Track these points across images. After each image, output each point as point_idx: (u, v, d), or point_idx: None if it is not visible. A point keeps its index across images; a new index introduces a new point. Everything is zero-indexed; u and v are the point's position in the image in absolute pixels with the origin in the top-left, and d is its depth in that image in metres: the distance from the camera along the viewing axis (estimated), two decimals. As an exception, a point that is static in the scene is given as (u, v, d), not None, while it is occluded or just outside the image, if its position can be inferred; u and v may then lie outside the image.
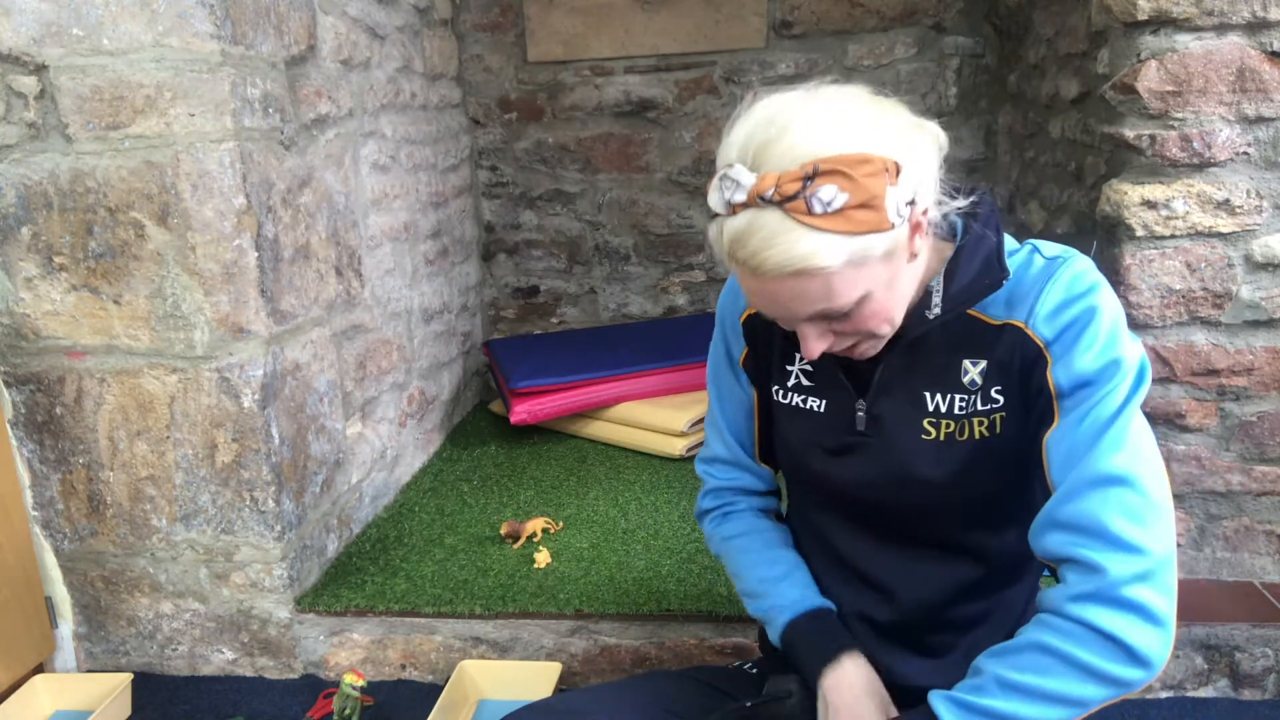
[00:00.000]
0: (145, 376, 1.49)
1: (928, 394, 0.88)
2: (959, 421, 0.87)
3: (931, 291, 0.86)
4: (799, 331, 0.81)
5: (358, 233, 1.87)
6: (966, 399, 0.87)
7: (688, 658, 1.52)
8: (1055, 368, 0.82)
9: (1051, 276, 0.83)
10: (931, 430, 0.88)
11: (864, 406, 0.91)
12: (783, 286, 0.75)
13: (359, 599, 1.59)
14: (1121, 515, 0.76)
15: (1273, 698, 1.46)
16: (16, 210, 1.43)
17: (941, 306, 0.85)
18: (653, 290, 2.84)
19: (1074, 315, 0.81)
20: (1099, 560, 0.76)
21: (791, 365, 0.97)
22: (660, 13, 2.58)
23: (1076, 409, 0.80)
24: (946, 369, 0.88)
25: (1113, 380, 0.80)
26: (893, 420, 0.90)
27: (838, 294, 0.76)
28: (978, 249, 0.85)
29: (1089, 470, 0.78)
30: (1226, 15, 1.35)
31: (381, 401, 2.00)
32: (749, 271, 0.76)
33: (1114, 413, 0.79)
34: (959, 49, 2.52)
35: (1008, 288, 0.85)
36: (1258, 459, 1.50)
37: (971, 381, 0.87)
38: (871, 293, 0.78)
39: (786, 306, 0.78)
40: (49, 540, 1.60)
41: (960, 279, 0.85)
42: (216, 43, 1.35)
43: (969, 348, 0.87)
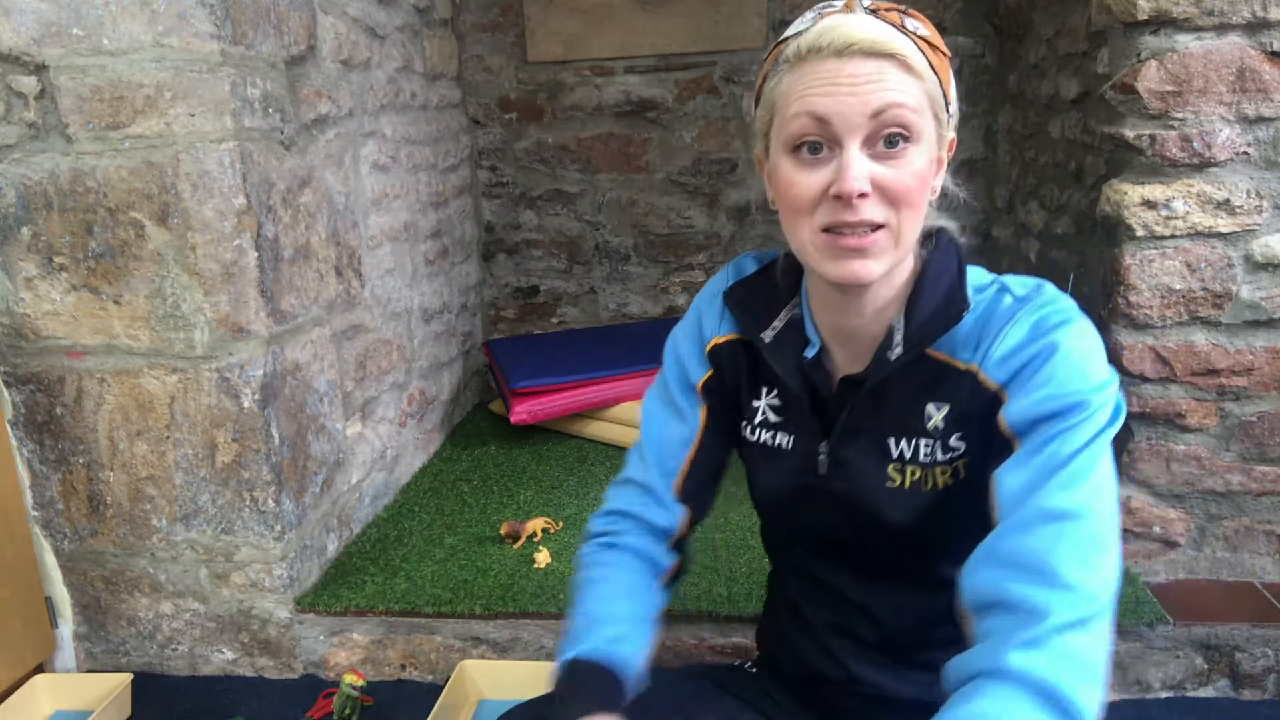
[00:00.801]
0: (145, 376, 1.49)
1: (892, 440, 0.86)
2: (924, 469, 0.84)
3: (893, 330, 0.84)
4: (845, 158, 0.74)
5: (358, 233, 1.87)
6: (930, 444, 0.84)
7: (687, 658, 1.52)
8: (1009, 407, 0.77)
9: (1012, 318, 0.79)
10: (896, 477, 0.86)
11: (826, 449, 0.88)
12: (867, 65, 0.73)
13: (359, 599, 1.59)
14: (1070, 554, 0.70)
15: (1273, 698, 1.46)
16: (16, 210, 1.43)
17: (903, 345, 0.82)
18: (653, 290, 2.84)
19: (1032, 354, 0.77)
20: (1042, 602, 0.68)
21: (758, 400, 0.94)
22: (660, 13, 2.58)
23: (1032, 444, 0.75)
24: (911, 413, 0.85)
25: (1076, 417, 0.74)
26: (856, 466, 0.87)
27: (910, 98, 0.74)
28: (939, 280, 0.83)
29: (1040, 505, 0.72)
30: (1226, 15, 1.35)
31: (381, 401, 2.00)
32: (833, 52, 0.74)
33: (1075, 450, 0.73)
34: (959, 49, 2.52)
35: (973, 328, 0.81)
36: (1258, 459, 1.51)
37: (935, 426, 0.84)
38: (920, 146, 0.76)
39: (861, 90, 0.73)
40: (49, 540, 1.60)
41: (920, 313, 0.82)
42: (216, 43, 1.35)
43: (933, 391, 0.84)
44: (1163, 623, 1.44)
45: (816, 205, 0.77)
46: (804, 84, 0.76)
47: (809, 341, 0.89)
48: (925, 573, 0.91)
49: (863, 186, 0.74)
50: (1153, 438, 1.52)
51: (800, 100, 0.76)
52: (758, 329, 0.92)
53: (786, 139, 0.78)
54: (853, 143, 0.75)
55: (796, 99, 0.76)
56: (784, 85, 0.79)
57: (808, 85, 0.76)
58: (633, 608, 0.93)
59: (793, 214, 0.80)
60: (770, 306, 0.92)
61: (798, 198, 0.78)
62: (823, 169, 0.77)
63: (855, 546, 0.92)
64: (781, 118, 0.79)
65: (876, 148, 0.75)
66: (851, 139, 0.75)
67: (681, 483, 0.99)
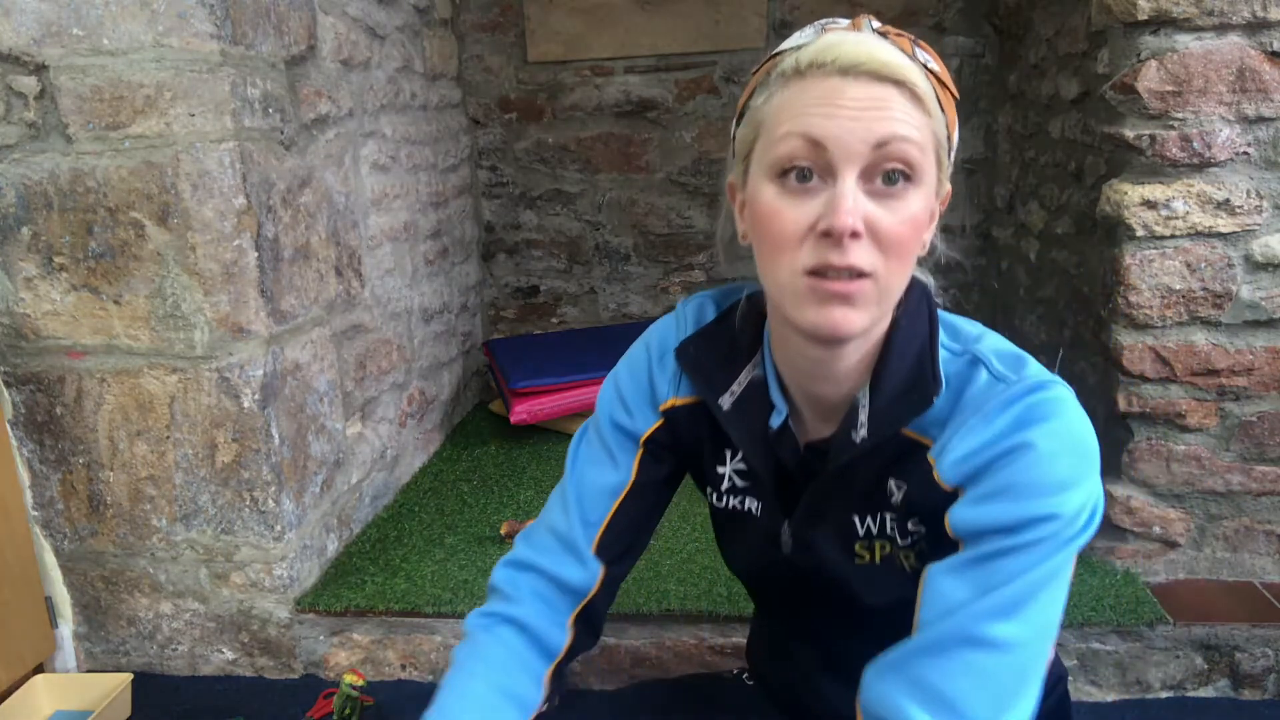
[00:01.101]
0: (145, 376, 1.49)
1: (856, 517, 0.79)
2: (894, 545, 0.78)
3: (858, 409, 0.75)
4: (839, 188, 0.66)
5: (358, 233, 1.87)
6: (893, 523, 0.78)
7: (687, 658, 1.52)
8: (956, 508, 0.70)
9: (981, 409, 0.70)
10: (864, 554, 0.79)
11: (789, 529, 0.82)
12: (873, 89, 0.66)
13: (359, 599, 1.59)
14: (986, 695, 0.64)
15: (1273, 698, 1.46)
16: (16, 210, 1.43)
17: (868, 427, 0.74)
18: (653, 290, 2.84)
19: (994, 455, 0.68)
20: None
21: (723, 466, 0.86)
22: (660, 13, 2.58)
23: (976, 553, 0.68)
24: (874, 487, 0.78)
25: (1031, 534, 0.66)
26: (821, 545, 0.81)
27: (917, 133, 0.66)
28: (905, 352, 0.74)
29: (967, 628, 0.65)
30: (1226, 15, 1.35)
31: (381, 401, 2.00)
32: (837, 70, 0.66)
33: (1021, 571, 0.65)
34: (959, 49, 2.52)
35: (943, 403, 0.73)
36: (1258, 459, 1.51)
37: (897, 504, 0.77)
38: (920, 189, 0.68)
39: (865, 116, 0.65)
40: (49, 540, 1.60)
41: (886, 388, 0.74)
42: (216, 43, 1.35)
43: (895, 466, 0.76)
44: (1163, 623, 1.44)
45: (801, 242, 0.68)
46: (800, 102, 0.68)
47: (773, 406, 0.80)
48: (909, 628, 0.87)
49: (856, 224, 0.65)
50: (1153, 438, 1.52)
51: (794, 120, 0.67)
52: (715, 394, 0.82)
53: (772, 162, 0.69)
54: (849, 173, 0.66)
55: (790, 118, 0.68)
56: (776, 102, 0.70)
57: (805, 104, 0.67)
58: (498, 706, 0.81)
59: (772, 250, 0.70)
60: (728, 366, 0.83)
61: (781, 232, 0.68)
62: (811, 200, 0.68)
63: (830, 616, 0.87)
64: (769, 138, 0.70)
65: (874, 184, 0.67)
66: (848, 169, 0.66)
67: (601, 536, 0.87)
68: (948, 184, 0.73)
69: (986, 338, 0.77)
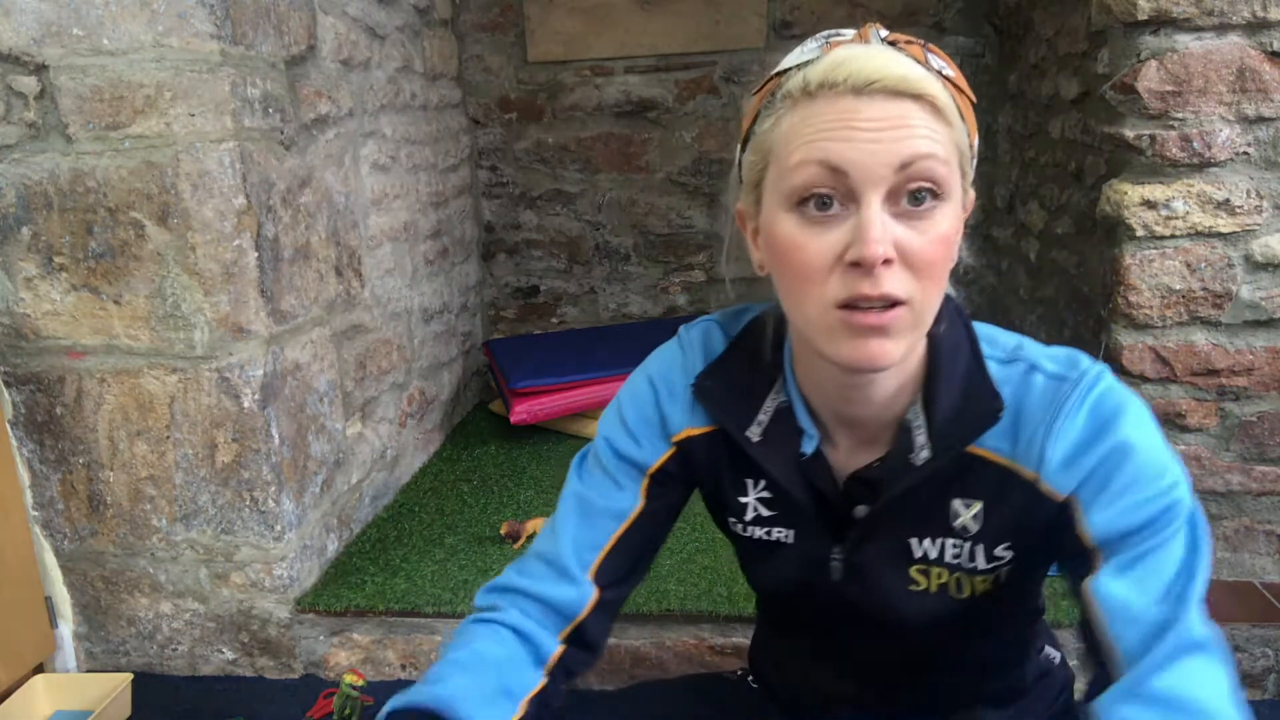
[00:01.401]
0: (145, 376, 1.49)
1: (914, 540, 0.75)
2: (953, 573, 0.75)
3: (912, 430, 0.72)
4: (865, 216, 0.62)
5: (358, 233, 1.87)
6: (960, 547, 0.74)
7: (687, 658, 1.52)
8: (1092, 519, 0.67)
9: (1061, 409, 0.68)
10: (920, 580, 0.76)
11: (840, 554, 0.78)
12: (890, 106, 0.62)
13: (359, 599, 1.59)
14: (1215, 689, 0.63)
15: (1273, 698, 1.46)
16: (16, 210, 1.43)
17: (930, 447, 0.71)
18: (653, 290, 2.84)
19: (1101, 456, 0.67)
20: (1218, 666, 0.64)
21: (745, 497, 0.82)
22: (660, 13, 2.58)
23: (1130, 555, 0.66)
24: (933, 510, 0.74)
25: (1172, 523, 0.66)
26: (875, 572, 0.77)
27: (941, 147, 0.63)
28: (953, 368, 0.72)
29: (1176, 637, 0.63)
30: (1226, 15, 1.35)
31: (381, 401, 2.00)
32: (851, 89, 0.62)
33: (1182, 563, 0.65)
34: (959, 49, 2.52)
35: (1010, 414, 0.71)
36: (1258, 459, 1.51)
37: (963, 527, 0.74)
38: (949, 205, 0.65)
39: (886, 136, 0.62)
40: (49, 540, 1.60)
41: (943, 408, 0.71)
42: (216, 43, 1.35)
43: (960, 485, 0.73)
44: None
45: (828, 274, 0.64)
46: (813, 126, 0.63)
47: (803, 432, 0.77)
48: (950, 662, 0.83)
49: (888, 251, 0.62)
50: (1153, 438, 1.52)
51: (809, 146, 0.63)
52: (742, 426, 0.78)
53: (789, 191, 0.65)
54: (874, 198, 0.62)
55: (804, 144, 0.64)
56: (785, 127, 0.66)
57: (818, 128, 0.63)
58: (487, 679, 0.78)
59: (799, 284, 0.66)
60: (751, 396, 0.79)
61: (806, 264, 0.65)
62: (834, 229, 0.64)
63: (870, 646, 0.84)
64: (781, 166, 0.66)
65: (899, 205, 0.63)
66: (872, 194, 0.62)
67: (601, 560, 0.83)
68: (971, 191, 0.70)
69: (1025, 342, 0.75)
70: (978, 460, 0.72)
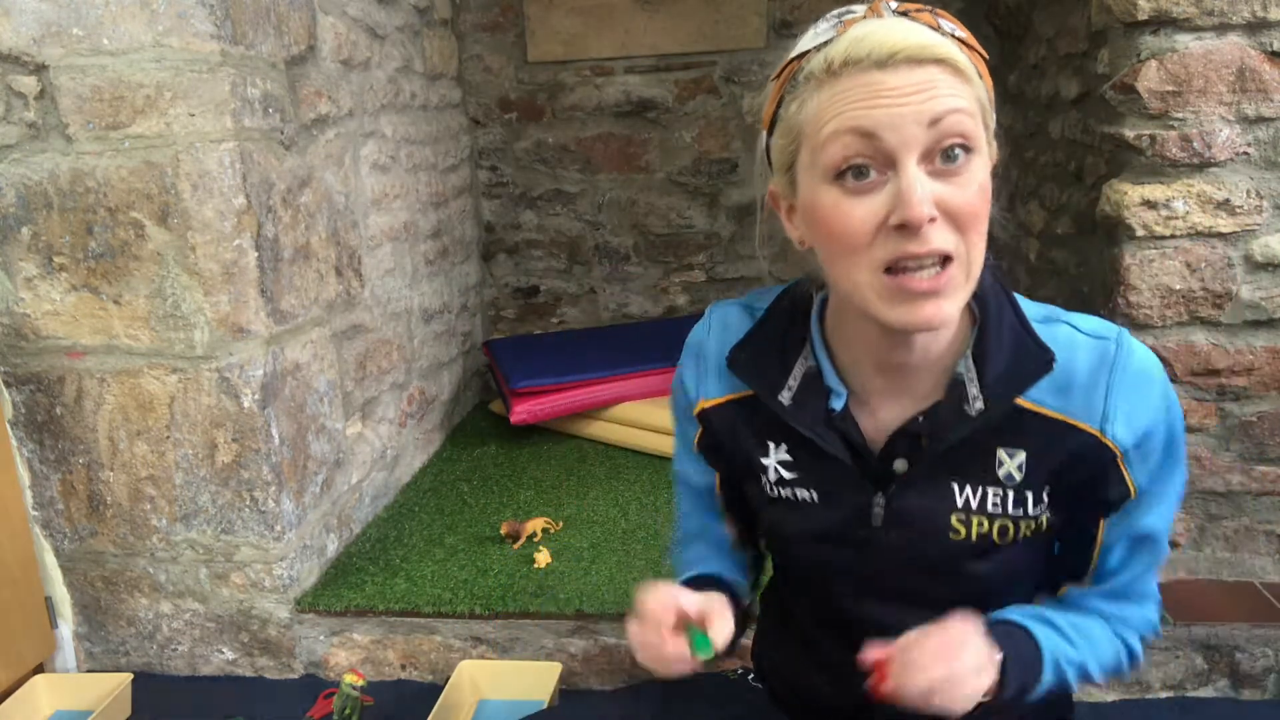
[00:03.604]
0: (145, 376, 1.49)
1: (955, 485, 0.78)
2: (993, 521, 0.78)
3: (963, 380, 0.75)
4: (905, 179, 0.65)
5: (358, 233, 1.87)
6: (1000, 494, 0.77)
7: (688, 658, 1.52)
8: (1132, 465, 0.77)
9: (1115, 366, 0.74)
10: (961, 529, 0.78)
11: (882, 502, 0.80)
12: (915, 74, 0.64)
13: (359, 599, 1.59)
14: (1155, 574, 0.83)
15: (1273, 698, 1.46)
16: (16, 210, 1.43)
17: (983, 398, 0.74)
18: (653, 290, 2.84)
19: (1151, 414, 0.76)
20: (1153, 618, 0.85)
21: (767, 458, 0.85)
22: (660, 13, 2.58)
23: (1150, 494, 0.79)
24: (976, 457, 0.77)
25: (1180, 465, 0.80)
26: (916, 516, 0.79)
27: (967, 102, 0.66)
28: (1001, 323, 0.76)
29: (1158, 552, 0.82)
30: (1226, 15, 1.35)
31: (381, 401, 2.00)
32: (874, 63, 0.64)
33: (1180, 486, 0.80)
34: (959, 49, 2.52)
35: (1054, 372, 0.75)
36: (1258, 459, 1.50)
37: (1008, 475, 0.77)
38: (981, 157, 0.68)
39: (912, 100, 0.64)
40: (49, 540, 1.60)
41: (995, 362, 0.75)
42: (216, 43, 1.35)
43: (1005, 435, 0.76)
44: (1163, 623, 1.44)
45: (873, 239, 0.67)
46: (843, 100, 0.65)
47: (831, 391, 0.80)
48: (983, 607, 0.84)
49: (931, 210, 0.64)
50: (1153, 438, 1.52)
51: (839, 119, 0.65)
52: (774, 392, 0.82)
53: (826, 166, 0.67)
54: (909, 159, 0.65)
55: (833, 118, 0.66)
56: (812, 107, 0.68)
57: (848, 101, 0.65)
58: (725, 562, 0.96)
59: (846, 253, 0.68)
60: (781, 364, 0.83)
61: (853, 233, 0.67)
62: (875, 196, 0.66)
63: (904, 593, 0.84)
64: (813, 143, 0.68)
65: (934, 164, 0.66)
66: (908, 155, 0.65)
67: (728, 518, 0.96)
68: (994, 143, 0.72)
69: (1050, 306, 0.81)
70: (1026, 413, 0.76)
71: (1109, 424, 0.74)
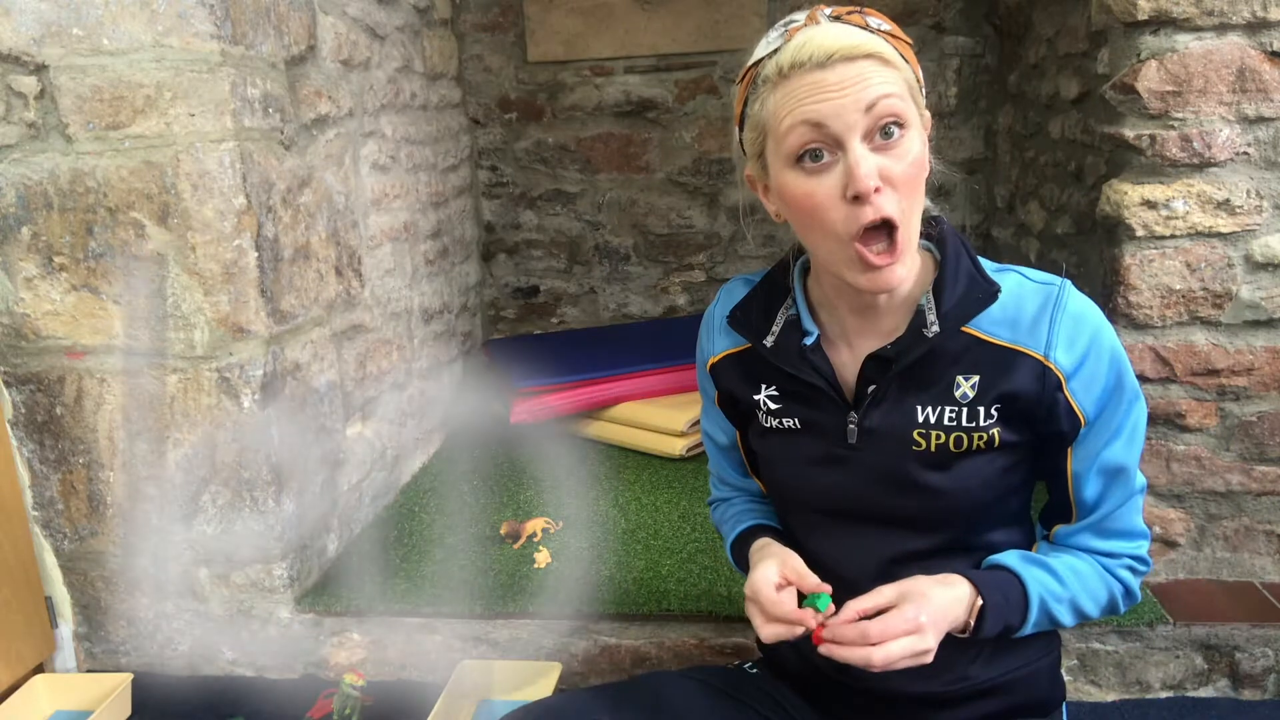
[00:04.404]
0: (145, 376, 1.49)
1: (918, 406, 0.90)
2: (949, 433, 0.89)
3: (924, 310, 0.89)
4: (851, 157, 0.79)
5: (358, 233, 1.87)
6: (956, 411, 0.89)
7: (688, 658, 1.52)
8: (1076, 393, 0.87)
9: (1058, 305, 0.87)
10: (921, 441, 0.90)
11: (855, 420, 0.92)
12: (850, 69, 0.78)
13: (359, 599, 1.59)
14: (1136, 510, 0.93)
15: (1273, 698, 1.46)
16: (16, 210, 1.43)
17: (940, 324, 0.87)
18: (653, 290, 2.84)
19: (1089, 343, 0.86)
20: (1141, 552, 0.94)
21: (758, 395, 0.99)
22: (660, 13, 2.58)
23: (1105, 425, 0.88)
24: (938, 383, 0.90)
25: (1131, 402, 0.88)
26: (883, 432, 0.91)
27: (895, 87, 0.79)
28: (958, 266, 0.90)
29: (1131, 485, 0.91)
30: (1226, 15, 1.35)
31: (381, 401, 2.00)
32: (816, 64, 0.78)
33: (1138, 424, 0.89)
34: (959, 49, 2.52)
35: (1005, 309, 0.88)
36: (1258, 459, 1.50)
37: (963, 395, 0.89)
38: (913, 130, 0.81)
39: (850, 90, 0.78)
40: (49, 540, 1.60)
41: (950, 295, 0.88)
42: (216, 43, 1.35)
43: (962, 364, 0.89)
44: (1163, 623, 1.44)
45: (835, 210, 0.81)
46: (793, 98, 0.80)
47: (806, 332, 0.94)
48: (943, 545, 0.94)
49: (876, 181, 0.78)
50: (1153, 438, 1.52)
51: (793, 114, 0.80)
52: (760, 338, 0.97)
53: (788, 154, 0.82)
54: (854, 140, 0.79)
55: (788, 113, 0.80)
56: (771, 104, 0.82)
57: (798, 99, 0.80)
58: (762, 508, 1.11)
59: (814, 224, 0.83)
60: (767, 315, 0.98)
61: (817, 206, 0.82)
62: (831, 173, 0.80)
63: (871, 517, 0.95)
64: (776, 134, 0.83)
65: (875, 140, 0.80)
66: (852, 136, 0.79)
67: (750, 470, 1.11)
68: (927, 114, 0.86)
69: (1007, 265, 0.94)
70: (982, 343, 0.89)
71: (1052, 350, 0.86)
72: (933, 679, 0.94)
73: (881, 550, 0.95)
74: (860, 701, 0.98)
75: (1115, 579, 0.93)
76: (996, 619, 0.87)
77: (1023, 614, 0.89)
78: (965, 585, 0.87)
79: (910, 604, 0.83)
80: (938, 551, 0.93)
